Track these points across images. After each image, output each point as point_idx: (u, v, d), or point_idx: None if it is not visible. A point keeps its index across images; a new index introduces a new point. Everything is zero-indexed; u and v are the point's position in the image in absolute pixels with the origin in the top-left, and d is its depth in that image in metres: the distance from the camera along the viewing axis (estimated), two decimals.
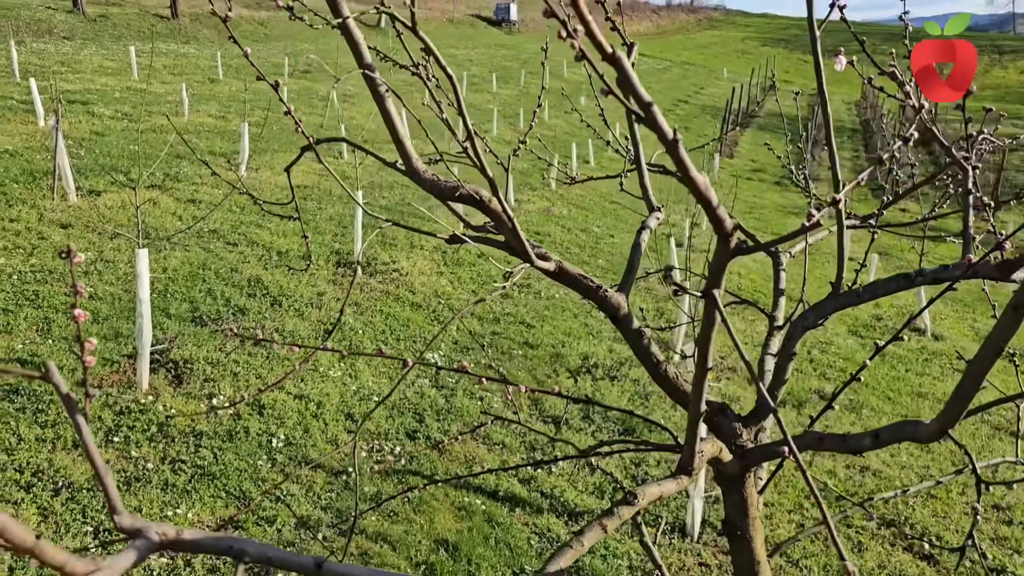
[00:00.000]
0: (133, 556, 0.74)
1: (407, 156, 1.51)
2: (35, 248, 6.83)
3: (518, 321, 7.31)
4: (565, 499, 4.67)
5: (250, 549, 0.88)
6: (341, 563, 0.99)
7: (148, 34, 27.39)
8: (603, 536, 1.19)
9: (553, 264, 1.52)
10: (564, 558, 1.14)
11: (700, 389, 1.10)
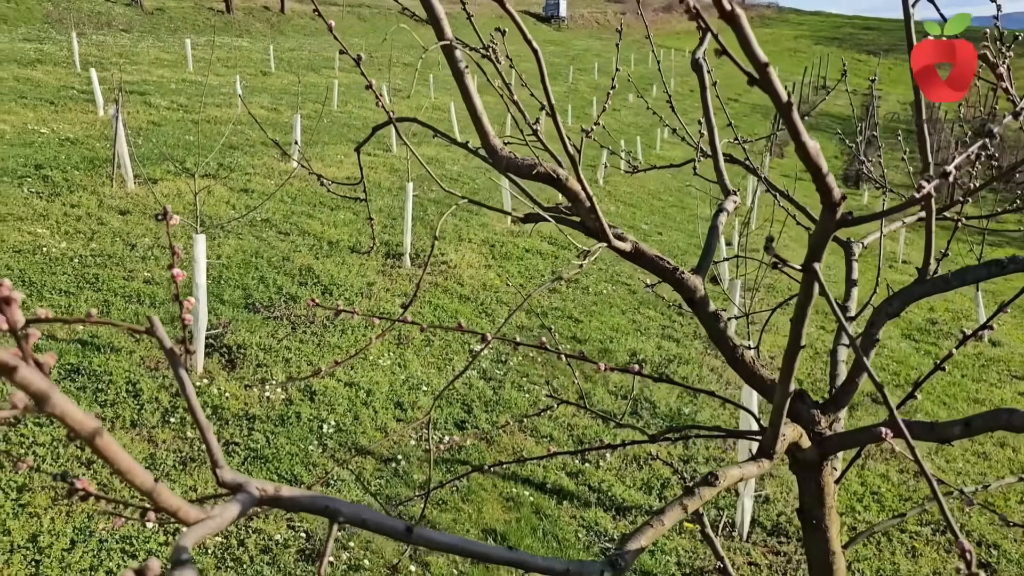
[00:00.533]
0: (237, 508, 0.75)
1: (484, 132, 1.50)
2: (95, 233, 6.98)
3: (566, 316, 7.28)
4: (613, 494, 4.64)
5: (344, 509, 0.88)
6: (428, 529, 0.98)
7: (203, 27, 27.87)
8: (684, 516, 1.17)
9: (629, 244, 1.50)
10: (644, 536, 1.12)
11: (790, 367, 1.07)
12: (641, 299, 8.11)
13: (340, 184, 2.13)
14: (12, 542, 3.30)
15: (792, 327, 1.04)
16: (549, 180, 1.52)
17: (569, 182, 1.52)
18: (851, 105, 2.67)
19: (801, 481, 1.45)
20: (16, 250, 6.29)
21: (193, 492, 3.88)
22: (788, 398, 1.12)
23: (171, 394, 4.68)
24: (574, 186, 1.53)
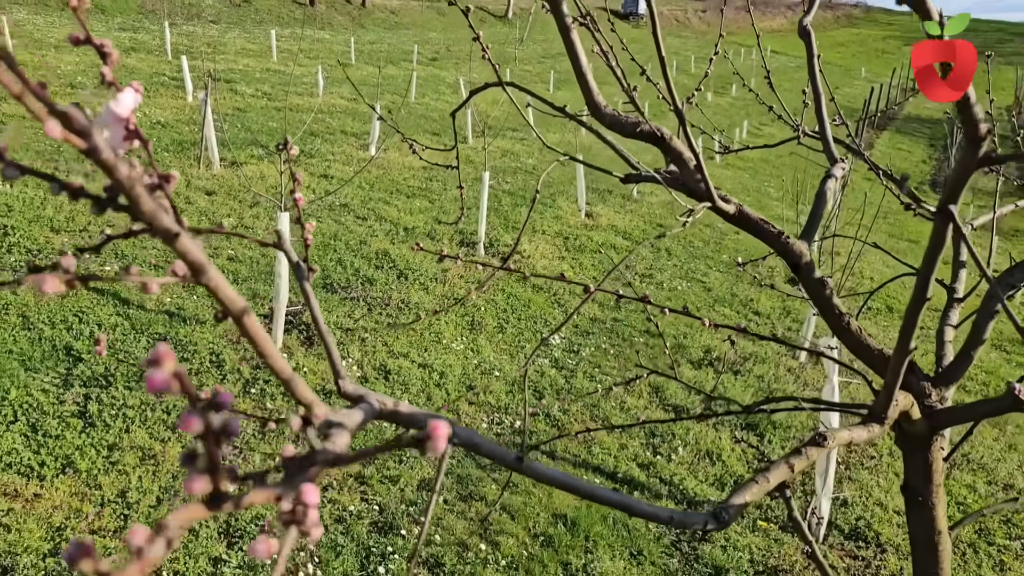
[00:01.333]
0: (361, 415, 0.75)
1: (589, 90, 1.48)
2: (183, 211, 7.18)
3: (639, 310, 7.20)
4: (684, 487, 4.57)
5: (460, 432, 0.88)
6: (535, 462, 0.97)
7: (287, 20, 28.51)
8: (789, 475, 1.13)
9: (733, 207, 1.46)
10: (748, 492, 1.09)
11: (913, 322, 1.02)
12: (716, 296, 7.98)
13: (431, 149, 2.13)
14: (103, 496, 3.43)
15: (918, 278, 0.99)
16: (652, 139, 1.49)
17: (673, 141, 1.49)
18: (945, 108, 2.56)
19: (907, 456, 1.39)
20: (110, 224, 6.53)
21: (271, 459, 3.96)
22: (909, 356, 1.07)
23: (251, 366, 4.79)
24: (678, 146, 1.50)
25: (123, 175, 0.50)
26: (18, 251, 5.69)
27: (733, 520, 1.04)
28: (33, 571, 3.00)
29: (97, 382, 4.27)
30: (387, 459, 4.22)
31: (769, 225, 1.45)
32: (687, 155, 1.48)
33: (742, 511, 1.08)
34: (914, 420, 1.32)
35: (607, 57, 1.85)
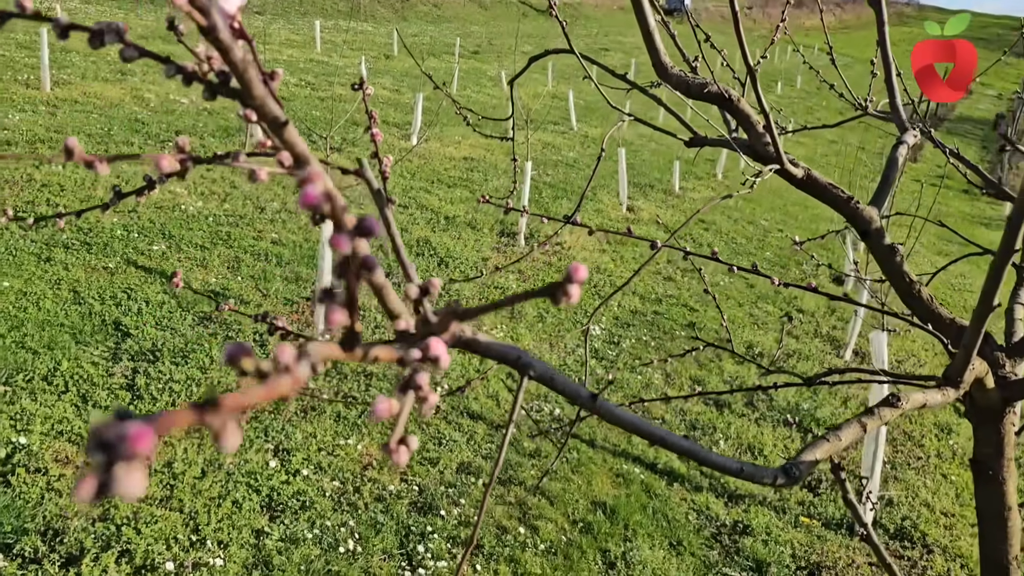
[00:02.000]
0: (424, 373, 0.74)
1: (655, 49, 1.45)
2: (228, 195, 7.28)
3: (680, 304, 7.14)
4: (725, 481, 4.51)
5: (536, 365, 0.86)
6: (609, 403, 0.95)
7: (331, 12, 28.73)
8: (861, 435, 1.09)
9: (802, 171, 1.42)
10: (819, 450, 1.06)
11: (998, 277, 0.98)
12: (759, 293, 7.87)
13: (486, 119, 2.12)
14: (150, 466, 3.47)
15: (1006, 232, 0.94)
16: (720, 100, 1.46)
17: (741, 103, 1.46)
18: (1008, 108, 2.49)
19: (978, 428, 1.35)
20: (158, 206, 6.63)
21: (313, 439, 3.98)
22: (990, 312, 1.03)
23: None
24: (746, 108, 1.47)
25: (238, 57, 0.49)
26: (70, 229, 5.80)
27: (804, 477, 1.01)
28: (83, 535, 3.05)
29: (145, 357, 4.33)
30: (427, 441, 4.22)
31: (838, 190, 1.42)
32: (755, 117, 1.45)
33: (812, 468, 1.05)
34: (987, 390, 1.28)
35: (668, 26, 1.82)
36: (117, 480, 0.23)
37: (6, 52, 11.95)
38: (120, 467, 0.23)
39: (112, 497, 0.23)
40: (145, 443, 0.24)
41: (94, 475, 0.23)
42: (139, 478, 0.24)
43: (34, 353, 4.18)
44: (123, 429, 0.24)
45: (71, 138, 0.55)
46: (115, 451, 0.23)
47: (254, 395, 0.29)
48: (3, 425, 3.57)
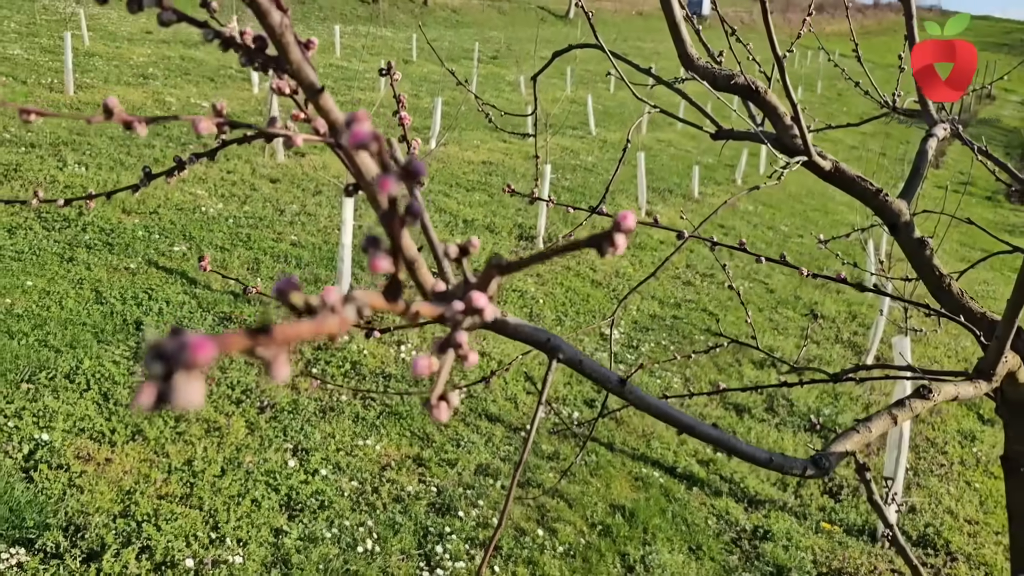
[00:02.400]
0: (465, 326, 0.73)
1: (681, 41, 1.44)
2: (248, 197, 7.32)
3: (700, 308, 7.10)
4: (745, 485, 4.48)
5: (565, 348, 0.85)
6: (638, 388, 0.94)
7: (350, 17, 28.90)
8: (891, 426, 1.08)
9: (830, 163, 1.41)
10: (850, 441, 1.04)
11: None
12: (779, 298, 7.82)
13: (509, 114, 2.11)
14: (170, 464, 3.49)
15: None
16: (747, 92, 1.45)
17: (768, 95, 1.44)
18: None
19: (1009, 424, 1.32)
20: (179, 208, 6.67)
21: (332, 439, 3.99)
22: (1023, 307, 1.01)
23: (313, 348, 4.83)
24: (773, 99, 1.45)
25: (275, 21, 0.49)
26: (92, 230, 5.85)
27: (833, 468, 1.00)
28: (104, 531, 3.06)
29: None
30: (445, 443, 4.22)
31: (867, 182, 1.40)
32: (782, 109, 1.44)
33: (842, 459, 1.03)
34: (1020, 384, 1.25)
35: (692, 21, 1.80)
36: (177, 389, 0.23)
37: (31, 56, 12.10)
38: (180, 376, 0.23)
39: (170, 407, 0.23)
40: (206, 353, 0.23)
41: (153, 384, 0.23)
42: (198, 388, 0.23)
43: (56, 351, 4.21)
44: (183, 339, 0.23)
45: (111, 97, 0.54)
46: (175, 360, 0.23)
47: (304, 329, 0.29)
48: (26, 422, 3.59)
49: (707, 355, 6.19)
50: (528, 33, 28.51)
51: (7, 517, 2.97)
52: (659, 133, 15.95)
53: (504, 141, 12.27)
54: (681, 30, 1.42)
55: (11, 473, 3.27)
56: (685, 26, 1.43)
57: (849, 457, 1.14)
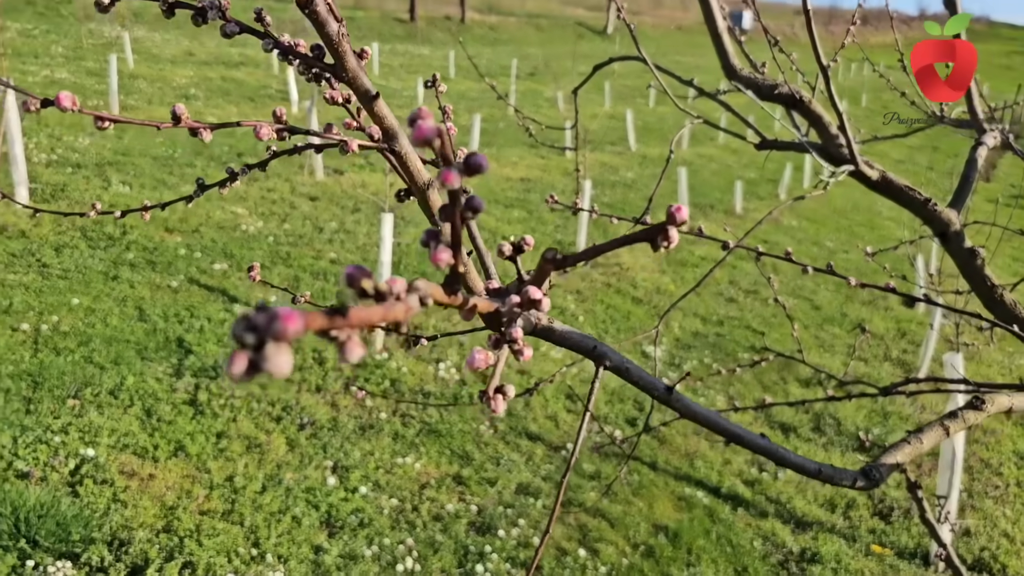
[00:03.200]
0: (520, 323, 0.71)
1: (724, 51, 1.41)
2: (288, 215, 7.41)
3: (743, 325, 7.00)
4: (792, 507, 4.37)
5: (611, 355, 0.82)
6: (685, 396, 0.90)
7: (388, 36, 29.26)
8: (943, 438, 1.03)
9: (877, 172, 1.36)
10: (901, 452, 1.00)
11: None
12: (825, 316, 7.67)
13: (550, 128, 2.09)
14: (212, 480, 3.51)
15: None
16: (791, 101, 1.41)
17: (813, 104, 1.41)
18: None
19: None
20: (220, 226, 6.77)
21: (371, 456, 3.98)
22: None
23: (352, 366, 4.84)
24: (818, 108, 1.41)
25: (332, 30, 0.48)
26: (136, 248, 5.95)
27: (884, 480, 0.96)
28: (147, 545, 3.08)
29: (207, 373, 4.39)
30: (485, 461, 4.19)
31: (915, 192, 1.35)
32: (827, 118, 1.40)
33: (893, 471, 0.99)
34: None
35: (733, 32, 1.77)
36: (268, 358, 0.24)
37: (77, 79, 12.42)
38: (271, 346, 0.24)
39: (263, 375, 0.24)
40: (295, 325, 0.25)
41: (245, 353, 0.24)
42: (288, 357, 0.24)
43: (101, 368, 4.27)
44: (274, 312, 0.25)
45: (179, 104, 0.54)
46: (267, 331, 0.24)
47: (374, 313, 0.30)
48: (72, 437, 3.64)
49: (752, 372, 6.09)
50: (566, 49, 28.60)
51: (54, 531, 3.01)
52: (700, 148, 15.83)
53: (542, 157, 12.27)
54: (724, 41, 1.39)
55: (58, 488, 3.31)
56: (728, 37, 1.40)
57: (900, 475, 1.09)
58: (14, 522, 2.98)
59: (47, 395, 3.96)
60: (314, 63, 0.55)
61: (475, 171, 0.34)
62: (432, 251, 0.36)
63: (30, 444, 3.55)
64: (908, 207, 1.37)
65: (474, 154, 0.34)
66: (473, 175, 0.34)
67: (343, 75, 0.49)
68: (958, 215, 1.35)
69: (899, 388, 1.48)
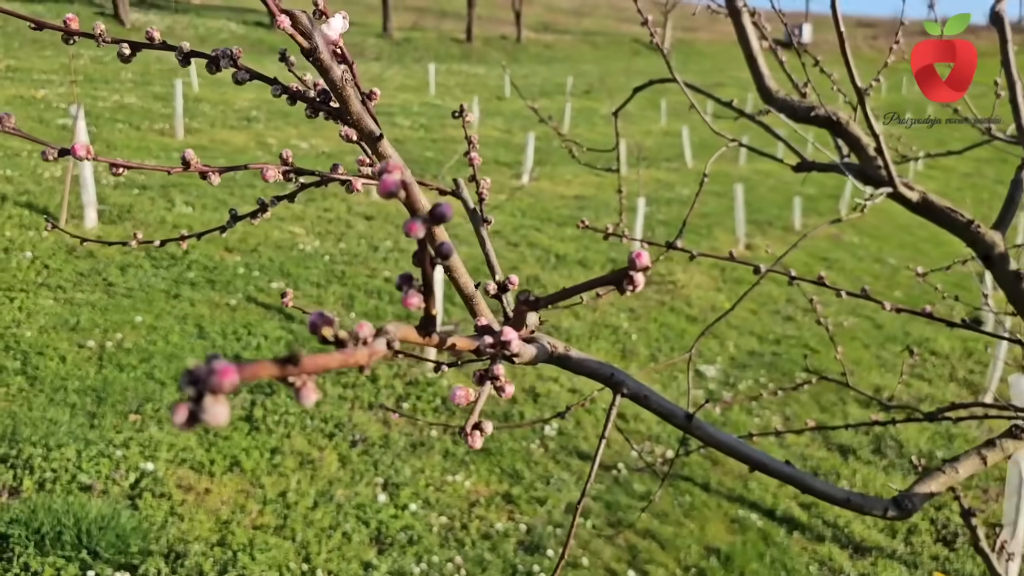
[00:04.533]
0: (535, 350, 0.73)
1: (759, 74, 1.41)
2: (343, 235, 7.54)
3: (800, 344, 6.87)
4: (850, 531, 4.26)
5: (629, 383, 0.83)
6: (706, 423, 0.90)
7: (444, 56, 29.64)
8: (980, 468, 1.01)
9: (917, 194, 1.34)
10: (935, 482, 0.98)
11: None
12: (887, 334, 7.49)
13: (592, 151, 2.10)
14: (265, 495, 3.59)
15: None
16: (828, 123, 1.40)
17: (850, 126, 1.39)
18: None
19: None
20: (277, 246, 6.93)
21: (421, 474, 4.01)
22: None
23: (404, 383, 4.90)
24: (855, 130, 1.40)
25: (336, 76, 0.50)
26: (197, 268, 6.12)
27: (917, 510, 0.94)
28: (202, 559, 3.15)
29: (262, 390, 4.49)
30: (535, 480, 4.19)
31: (957, 213, 1.32)
32: (865, 140, 1.38)
33: (927, 500, 0.97)
34: None
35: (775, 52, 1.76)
36: (205, 409, 0.26)
37: (144, 103, 12.86)
38: (208, 399, 0.26)
39: (201, 425, 0.26)
40: (230, 378, 0.27)
41: (185, 405, 0.27)
42: (223, 409, 0.27)
43: (162, 384, 4.40)
44: (212, 367, 0.27)
45: (188, 150, 0.57)
46: (204, 384, 0.26)
47: (331, 360, 0.31)
48: (133, 452, 3.76)
49: (810, 393, 5.96)
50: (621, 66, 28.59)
51: (114, 542, 3.10)
52: (758, 164, 15.64)
53: (597, 175, 12.26)
54: (759, 63, 1.39)
55: (118, 500, 3.42)
56: (763, 58, 1.39)
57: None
58: (76, 533, 3.08)
59: (110, 410, 4.09)
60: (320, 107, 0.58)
61: (440, 220, 0.36)
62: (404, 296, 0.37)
63: (93, 457, 3.68)
64: (950, 229, 1.34)
65: (439, 205, 0.36)
66: (438, 224, 0.36)
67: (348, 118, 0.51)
68: (1003, 237, 1.32)
69: (944, 414, 1.44)
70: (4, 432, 3.81)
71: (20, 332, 4.81)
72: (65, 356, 4.60)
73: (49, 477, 3.52)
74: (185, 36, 23.72)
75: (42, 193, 7.32)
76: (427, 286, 0.38)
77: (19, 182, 7.62)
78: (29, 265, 5.80)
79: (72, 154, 0.57)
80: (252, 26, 28.31)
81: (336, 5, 0.71)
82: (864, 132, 1.34)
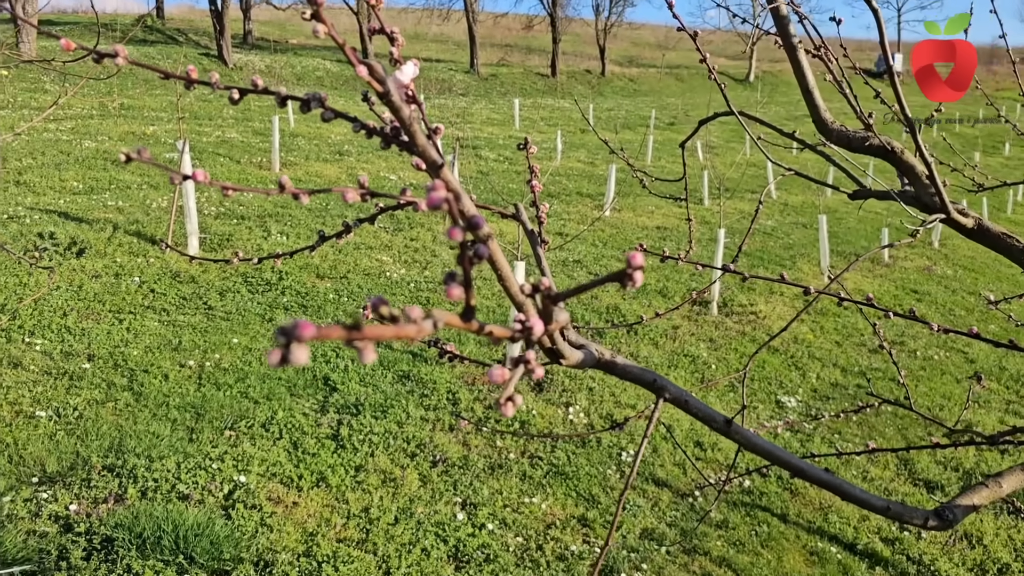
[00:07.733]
0: (581, 355, 0.82)
1: (815, 106, 1.48)
2: (428, 263, 7.76)
3: (888, 378, 6.71)
4: (936, 568, 4.15)
5: (670, 388, 0.92)
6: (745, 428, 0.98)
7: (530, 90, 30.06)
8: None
9: (972, 220, 1.39)
10: (977, 495, 1.03)
11: None
12: (980, 368, 7.24)
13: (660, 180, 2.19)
14: (349, 510, 3.75)
15: None
16: (883, 153, 1.46)
17: (905, 155, 1.45)
18: None
19: None
20: (366, 273, 7.19)
21: (499, 495, 4.11)
22: None
23: (484, 407, 5.02)
24: (910, 159, 1.46)
25: (405, 115, 0.63)
26: (290, 293, 6.41)
27: (958, 522, 0.98)
28: (289, 568, 3.32)
29: (349, 410, 4.68)
30: (611, 505, 4.23)
31: (1013, 239, 1.36)
32: (919, 168, 1.44)
33: (969, 513, 1.02)
34: None
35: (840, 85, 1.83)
36: (292, 352, 0.36)
37: (244, 138, 13.51)
38: (294, 345, 0.36)
39: (289, 365, 0.35)
40: (309, 332, 0.36)
41: (279, 349, 0.37)
42: (304, 353, 0.36)
43: (255, 403, 4.64)
44: (296, 324, 0.37)
45: (284, 176, 0.71)
46: (291, 335, 0.36)
47: (386, 331, 0.41)
48: (227, 465, 3.98)
49: (896, 426, 5.82)
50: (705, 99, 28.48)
51: (208, 549, 3.30)
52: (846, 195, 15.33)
53: (679, 207, 12.25)
54: (815, 96, 1.47)
55: (213, 510, 3.63)
56: (818, 93, 1.47)
57: None
58: (175, 539, 3.29)
59: (207, 426, 4.34)
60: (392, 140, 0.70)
61: (475, 228, 0.46)
62: (447, 288, 0.48)
63: (191, 469, 3.91)
64: (1006, 254, 1.38)
65: (474, 216, 0.46)
66: (474, 231, 0.47)
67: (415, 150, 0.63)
68: None
69: (1006, 437, 1.47)
70: (112, 443, 4.09)
71: (128, 351, 5.15)
72: (168, 374, 4.90)
73: (151, 486, 3.76)
74: (283, 74, 24.80)
75: (150, 223, 7.79)
76: (467, 281, 0.49)
77: (129, 212, 8.14)
78: (137, 289, 6.19)
79: (194, 179, 0.71)
80: (345, 64, 29.36)
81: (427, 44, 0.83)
82: (918, 160, 1.40)
